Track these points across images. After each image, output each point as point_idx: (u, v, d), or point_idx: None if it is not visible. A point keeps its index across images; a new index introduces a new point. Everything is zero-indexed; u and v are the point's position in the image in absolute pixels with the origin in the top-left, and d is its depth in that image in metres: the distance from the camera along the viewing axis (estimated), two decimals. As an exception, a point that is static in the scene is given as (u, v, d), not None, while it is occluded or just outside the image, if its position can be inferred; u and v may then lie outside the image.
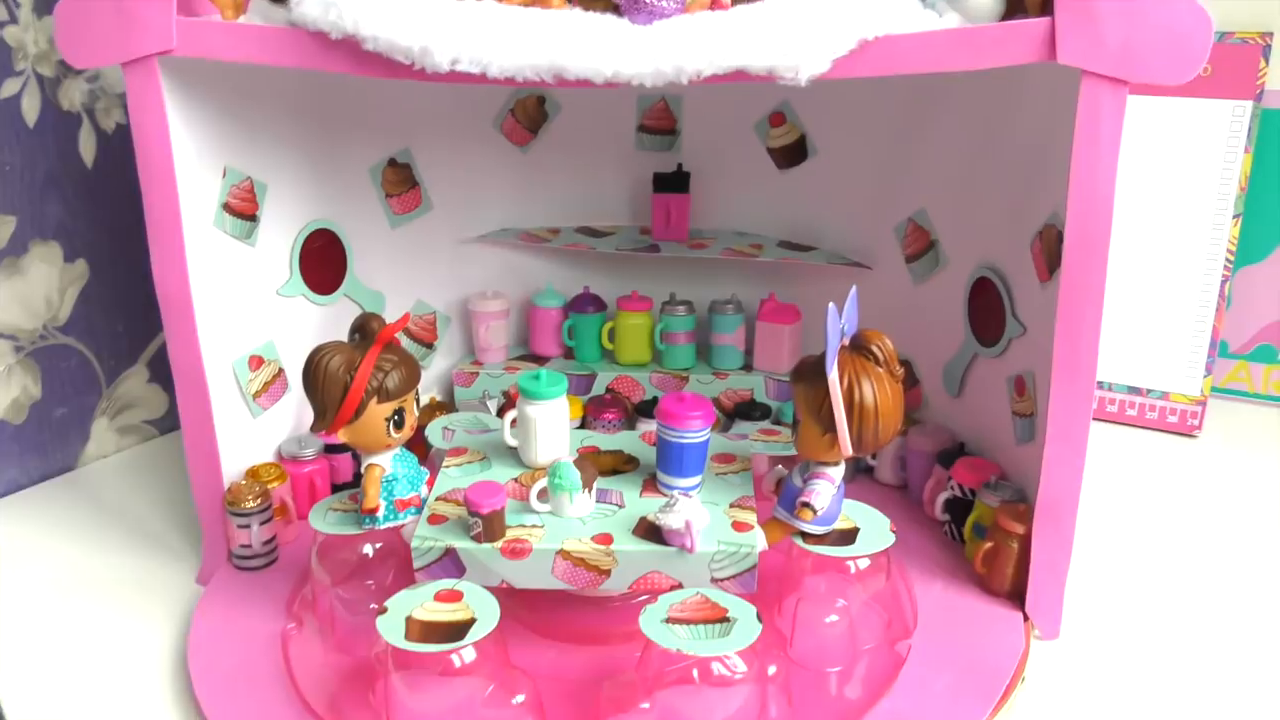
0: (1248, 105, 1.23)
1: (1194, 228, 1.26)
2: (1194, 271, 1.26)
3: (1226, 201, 1.25)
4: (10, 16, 1.05)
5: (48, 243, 1.11)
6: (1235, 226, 1.24)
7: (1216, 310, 1.26)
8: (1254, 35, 1.22)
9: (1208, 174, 1.25)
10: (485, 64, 0.77)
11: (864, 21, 0.75)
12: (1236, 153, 1.24)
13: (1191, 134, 1.25)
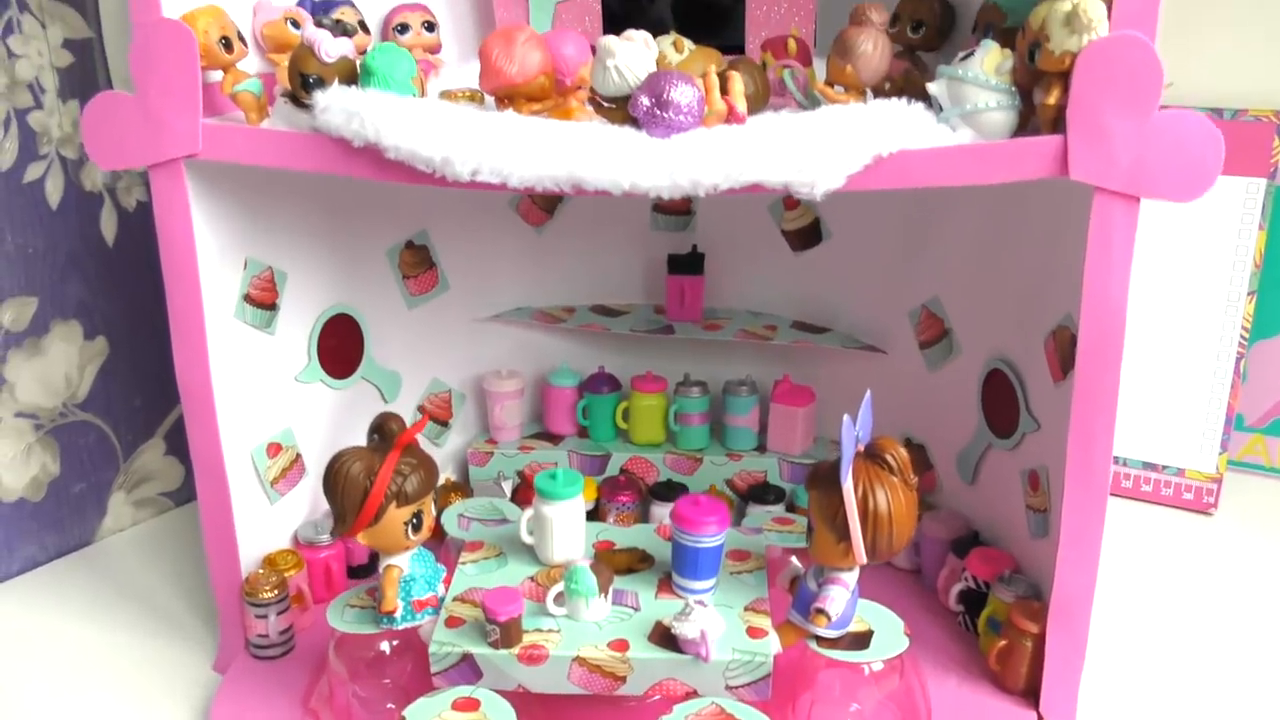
0: (1261, 183, 1.25)
1: (1209, 303, 1.27)
2: (1209, 347, 1.28)
3: (1241, 278, 1.26)
4: (36, 102, 1.08)
5: (68, 322, 1.14)
6: (1250, 303, 1.26)
7: (1232, 387, 1.27)
8: (1268, 113, 1.24)
9: (1222, 250, 1.27)
10: (505, 175, 0.79)
11: (879, 138, 0.77)
12: (1251, 230, 1.26)
13: (1205, 210, 1.27)
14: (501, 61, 0.83)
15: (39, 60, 1.08)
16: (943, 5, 0.96)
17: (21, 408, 1.11)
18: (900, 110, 0.79)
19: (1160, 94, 0.74)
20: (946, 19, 0.97)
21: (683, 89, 0.78)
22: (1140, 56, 0.73)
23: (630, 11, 1.06)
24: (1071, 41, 0.73)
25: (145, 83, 0.85)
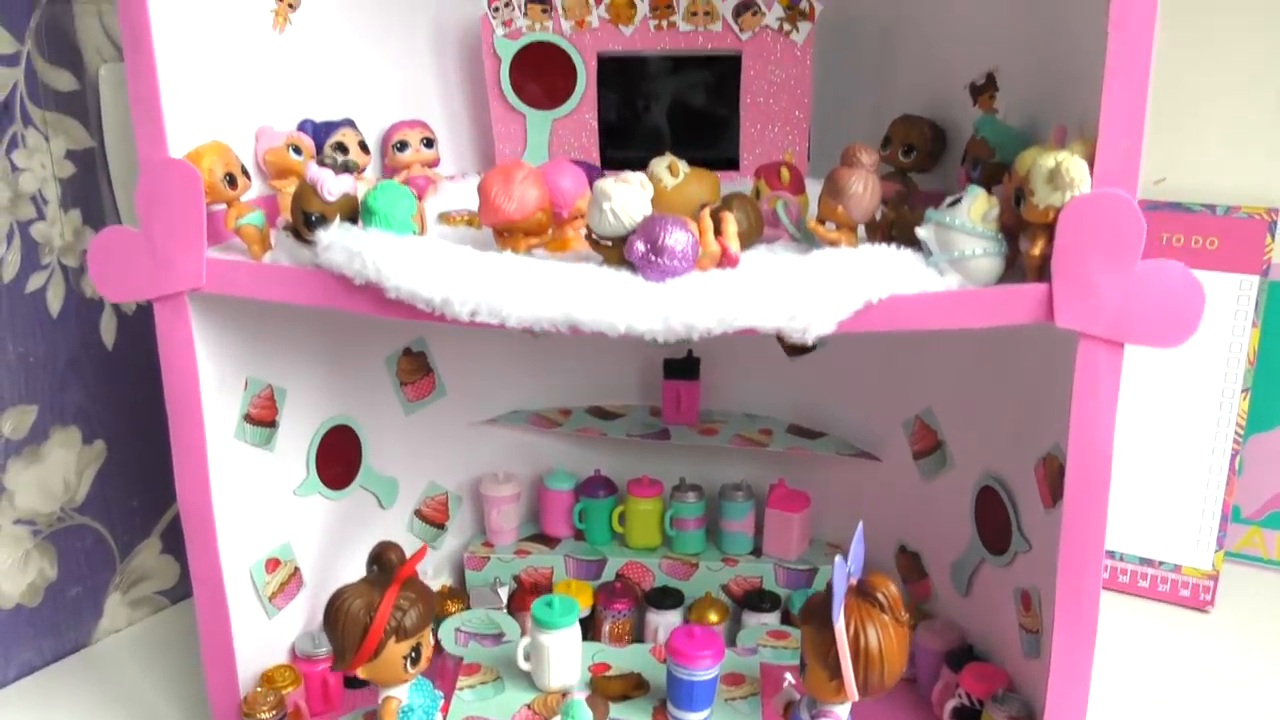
0: (1255, 280, 1.29)
1: (1203, 399, 1.31)
2: (1204, 442, 1.31)
3: (1235, 375, 1.30)
4: (39, 214, 1.12)
5: (68, 427, 1.17)
6: (1244, 401, 1.29)
7: (1227, 484, 1.30)
8: (1260, 210, 1.28)
9: (1216, 347, 1.30)
10: (503, 316, 0.83)
11: (869, 284, 0.81)
12: (1244, 327, 1.29)
13: (1199, 305, 1.31)
14: (500, 199, 0.87)
15: (42, 173, 1.12)
16: (933, 129, 1.00)
17: (20, 514, 1.14)
18: (890, 255, 0.83)
19: (1142, 246, 0.78)
20: (937, 143, 1.01)
21: (677, 235, 0.82)
22: (1122, 212, 0.77)
23: (626, 125, 1.11)
24: (1055, 197, 0.77)
25: (151, 219, 0.89)
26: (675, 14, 1.03)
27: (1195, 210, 1.31)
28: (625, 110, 1.10)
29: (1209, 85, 1.31)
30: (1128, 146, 0.76)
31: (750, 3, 1.02)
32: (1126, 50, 0.74)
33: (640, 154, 1.10)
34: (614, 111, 1.10)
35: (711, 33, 1.04)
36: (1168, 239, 1.34)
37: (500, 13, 1.05)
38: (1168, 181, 1.37)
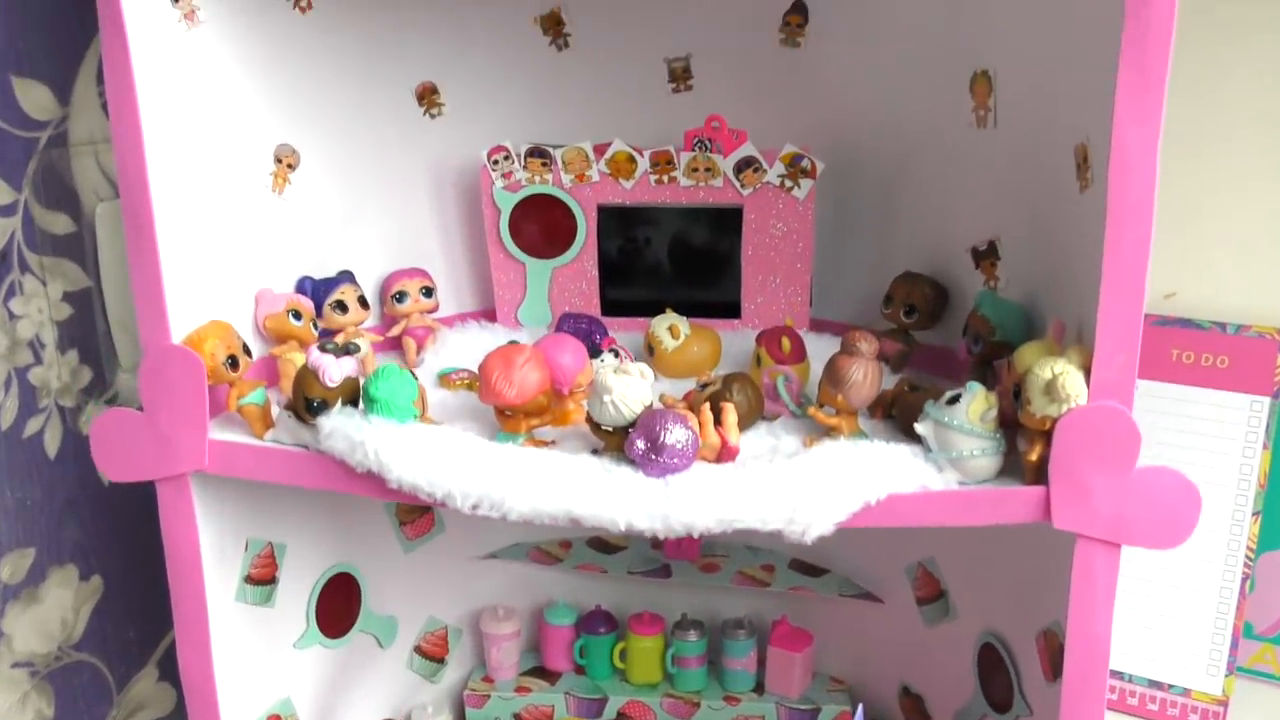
0: (1265, 401, 1.33)
1: (1213, 522, 1.35)
2: (1214, 565, 1.36)
3: (1246, 498, 1.34)
4: (35, 358, 1.16)
5: (65, 566, 1.22)
6: (1255, 524, 1.34)
7: (1237, 608, 1.35)
8: (1271, 330, 1.32)
9: (1226, 467, 1.34)
10: (505, 510, 0.88)
11: (869, 483, 0.85)
12: (1255, 449, 1.34)
13: (1209, 426, 1.35)
14: (501, 385, 0.92)
15: (39, 317, 1.16)
16: (935, 290, 1.05)
17: (18, 657, 1.19)
18: (888, 452, 0.87)
19: (1139, 453, 0.83)
20: (939, 302, 1.05)
21: (676, 432, 0.86)
22: (1119, 424, 0.81)
23: (627, 267, 1.15)
24: (1051, 409, 0.82)
25: (154, 403, 0.93)
26: (676, 169, 1.08)
27: (1205, 327, 1.35)
28: (626, 253, 1.15)
29: (1219, 201, 1.35)
30: (1124, 361, 0.81)
31: (751, 160, 1.06)
32: (1123, 269, 0.78)
33: (641, 296, 1.16)
34: (615, 254, 1.14)
35: (713, 188, 1.08)
36: (1177, 356, 1.38)
37: (499, 165, 1.10)
38: (1177, 297, 1.41)
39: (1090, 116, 0.83)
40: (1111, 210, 0.77)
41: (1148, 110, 0.75)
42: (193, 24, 0.94)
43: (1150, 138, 0.76)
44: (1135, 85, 0.75)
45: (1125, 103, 0.76)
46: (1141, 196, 0.77)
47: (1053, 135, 0.90)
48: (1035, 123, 0.93)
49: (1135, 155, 0.76)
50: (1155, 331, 1.33)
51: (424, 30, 1.11)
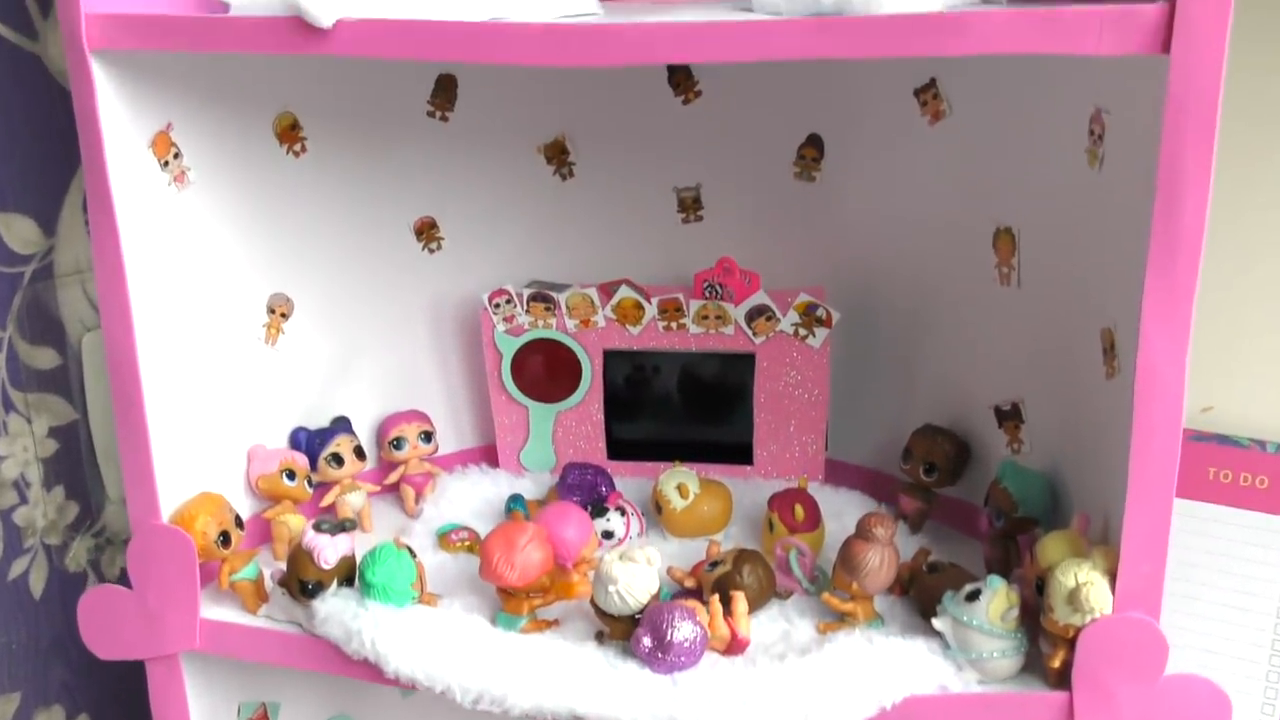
0: (1305, 524, 1.34)
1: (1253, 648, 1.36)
2: (1253, 695, 1.36)
3: (1285, 626, 1.35)
4: (20, 498, 1.18)
5: (51, 708, 1.24)
6: (1295, 654, 1.34)
7: (1274, 740, 1.36)
8: (1311, 450, 1.33)
9: (1267, 594, 1.35)
10: (506, 706, 0.89)
11: (886, 685, 0.86)
12: (1294, 575, 1.34)
13: (1248, 550, 1.35)
14: (502, 568, 0.93)
15: (24, 456, 1.18)
16: (956, 447, 1.06)
17: (3, 804, 1.21)
18: (906, 649, 0.89)
19: (1166, 663, 0.84)
20: (960, 461, 1.06)
21: (684, 629, 0.88)
22: (1145, 635, 0.82)
23: (634, 407, 1.16)
24: (1075, 618, 0.83)
25: (144, 582, 0.95)
26: (685, 316, 1.09)
27: (1244, 445, 1.36)
28: (633, 391, 1.16)
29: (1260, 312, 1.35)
30: (1150, 571, 0.81)
31: (764, 308, 1.07)
32: (1150, 480, 0.79)
33: (649, 436, 1.17)
34: (621, 393, 1.15)
35: (723, 335, 1.09)
36: (1214, 474, 1.39)
37: (501, 309, 1.11)
38: (1214, 411, 1.41)
39: (1117, 303, 0.84)
40: (1137, 425, 0.78)
41: (1176, 328, 0.76)
42: (182, 186, 0.96)
43: (1179, 354, 0.77)
44: (1163, 301, 0.76)
45: (1152, 318, 0.76)
46: (1169, 414, 0.78)
47: (1079, 311, 0.91)
48: (1060, 293, 0.94)
49: (1164, 370, 0.77)
50: (1190, 448, 1.34)
51: (423, 164, 1.13)
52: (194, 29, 0.84)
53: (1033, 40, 0.73)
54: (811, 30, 0.75)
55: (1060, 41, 0.73)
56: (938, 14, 0.74)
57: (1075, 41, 0.72)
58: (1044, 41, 0.73)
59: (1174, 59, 0.71)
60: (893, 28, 0.74)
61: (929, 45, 0.75)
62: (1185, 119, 0.72)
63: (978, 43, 0.73)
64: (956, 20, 0.73)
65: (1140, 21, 0.71)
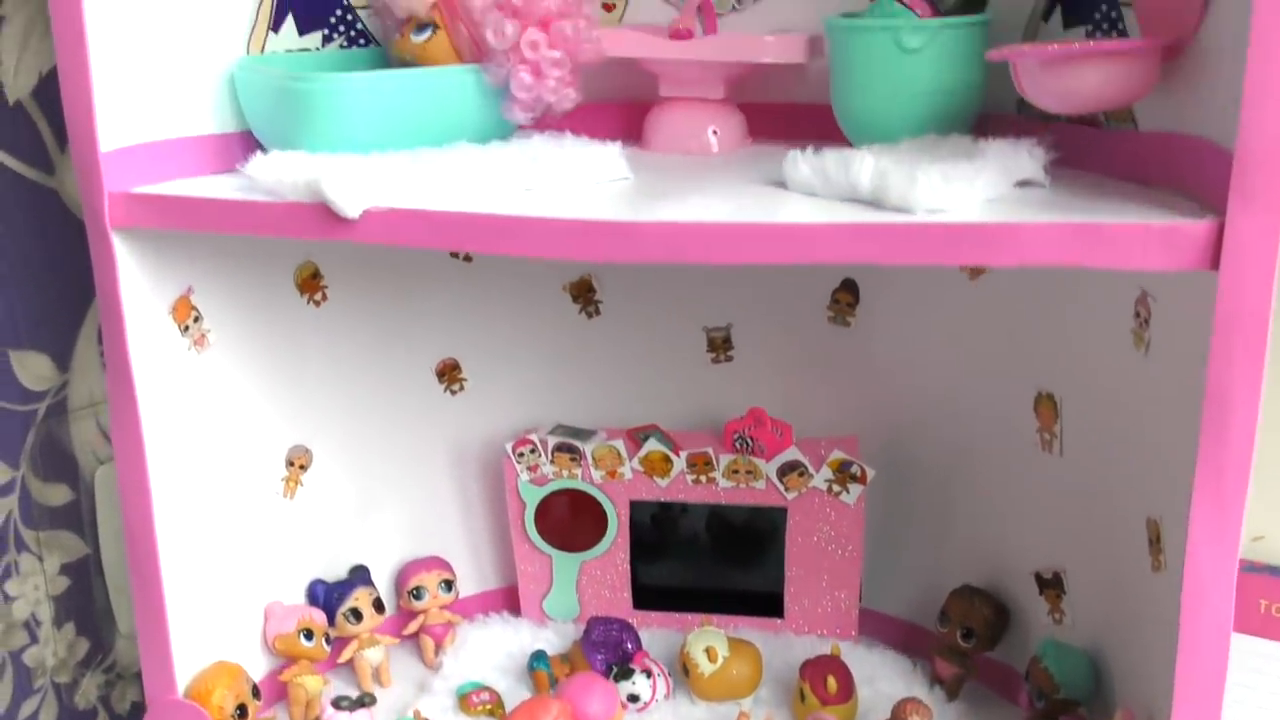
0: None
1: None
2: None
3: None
4: (31, 638, 1.20)
5: None
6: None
7: None
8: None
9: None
10: None
11: None
12: (1349, 719, 1.34)
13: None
14: (526, 754, 0.94)
15: (35, 595, 1.20)
16: (995, 612, 1.06)
17: None
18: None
19: None
20: (998, 626, 1.06)
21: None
22: None
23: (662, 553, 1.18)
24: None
25: (158, 756, 0.97)
26: (715, 470, 1.10)
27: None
28: (660, 537, 1.17)
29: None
30: (1199, 780, 0.82)
31: (797, 464, 1.09)
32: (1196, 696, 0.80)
33: (677, 583, 1.18)
34: (648, 539, 1.16)
35: (754, 489, 1.10)
36: (1266, 607, 1.38)
37: (525, 458, 1.12)
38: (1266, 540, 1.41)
39: (1162, 494, 0.85)
40: (1184, 632, 0.79)
41: (1225, 541, 0.77)
42: (203, 349, 0.98)
43: (1228, 565, 0.77)
44: (1212, 515, 0.77)
45: (1200, 528, 0.77)
46: (1218, 622, 0.78)
47: (1123, 491, 0.92)
48: (1104, 469, 0.95)
49: (1212, 580, 0.78)
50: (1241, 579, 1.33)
51: (446, 305, 1.14)
52: (217, 211, 0.86)
53: (1076, 253, 0.74)
54: (847, 236, 0.76)
55: (1105, 256, 0.74)
56: (978, 225, 0.75)
57: (1121, 256, 0.73)
58: (1088, 255, 0.74)
59: (1223, 276, 0.72)
60: (932, 237, 0.75)
61: (969, 255, 0.76)
62: (1234, 336, 0.73)
63: (1019, 254, 0.74)
64: (997, 231, 0.74)
65: (1189, 238, 0.72)
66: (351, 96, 0.91)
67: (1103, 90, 0.79)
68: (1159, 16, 0.81)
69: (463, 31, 0.96)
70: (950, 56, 0.92)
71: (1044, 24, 0.95)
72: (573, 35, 0.95)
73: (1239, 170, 0.70)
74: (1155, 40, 0.77)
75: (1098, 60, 0.78)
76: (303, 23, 1.02)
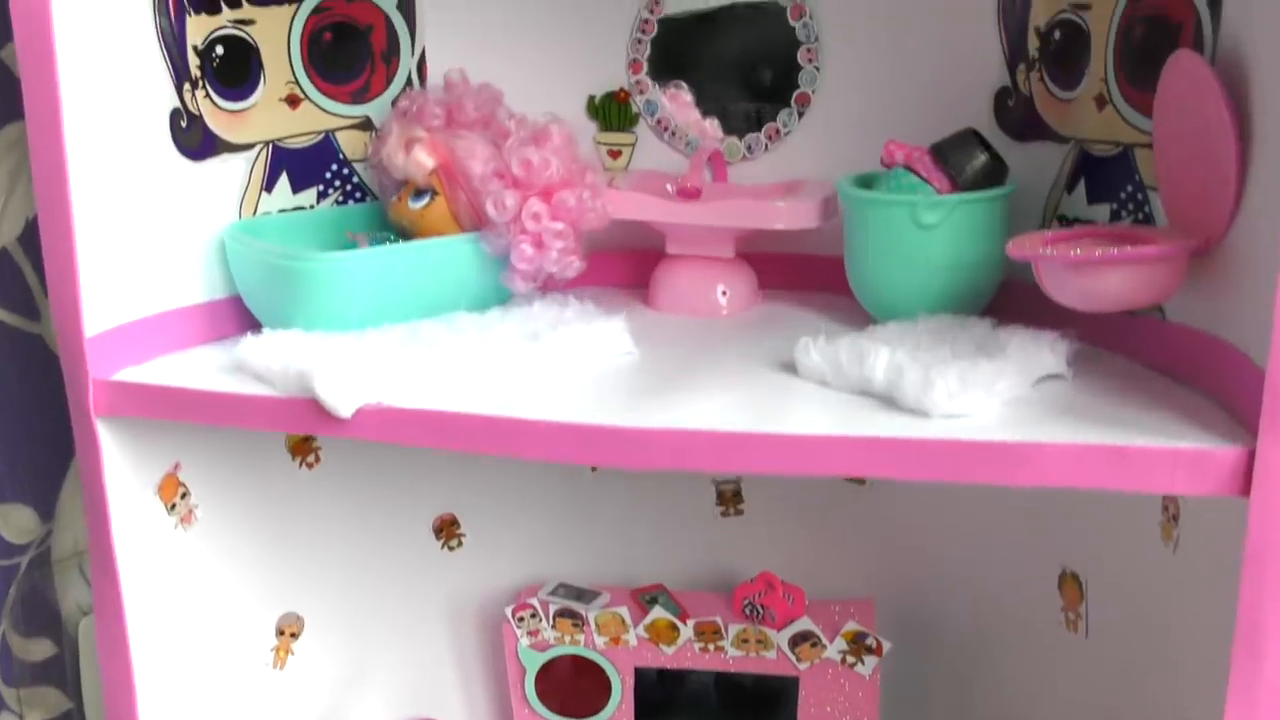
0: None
1: None
2: None
3: None
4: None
5: None
6: None
7: None
8: None
9: None
10: None
11: None
12: None
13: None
14: None
15: (14, 752, 1.20)
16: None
17: None
18: None
19: None
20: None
21: None
22: None
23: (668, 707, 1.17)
24: None
25: None
26: (724, 639, 1.09)
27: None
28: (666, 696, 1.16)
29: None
30: None
31: (809, 634, 1.08)
32: None
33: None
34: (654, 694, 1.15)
35: (765, 659, 1.10)
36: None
37: (525, 622, 1.12)
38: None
39: (1196, 700, 0.84)
40: None
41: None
42: (190, 525, 0.98)
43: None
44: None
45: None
46: None
47: (1153, 688, 0.91)
48: (1132, 659, 0.94)
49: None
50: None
51: (445, 459, 1.14)
52: (205, 404, 0.86)
53: (1101, 475, 0.73)
54: (860, 450, 0.76)
55: (1131, 479, 0.73)
56: (997, 444, 0.74)
57: (1146, 480, 0.73)
58: (1113, 477, 0.73)
59: (1254, 504, 0.71)
60: (948, 454, 0.75)
61: (987, 474, 0.75)
62: (1267, 567, 0.72)
63: (1040, 475, 0.74)
64: (1017, 451, 0.74)
65: (1218, 465, 0.71)
66: (347, 276, 0.91)
67: (1127, 293, 0.79)
68: (1187, 210, 0.80)
69: (462, 198, 0.97)
70: (969, 232, 0.92)
71: (1067, 195, 0.95)
72: (576, 205, 0.95)
73: (1272, 394, 0.69)
74: (1182, 245, 0.77)
75: (1122, 265, 0.78)
76: (297, 181, 1.03)
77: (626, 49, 1.11)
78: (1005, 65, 1.00)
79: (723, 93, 1.11)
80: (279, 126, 1.01)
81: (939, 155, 0.93)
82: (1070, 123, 0.94)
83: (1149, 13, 0.84)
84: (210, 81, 0.95)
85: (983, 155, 0.92)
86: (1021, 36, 0.98)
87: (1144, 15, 0.85)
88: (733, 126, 1.11)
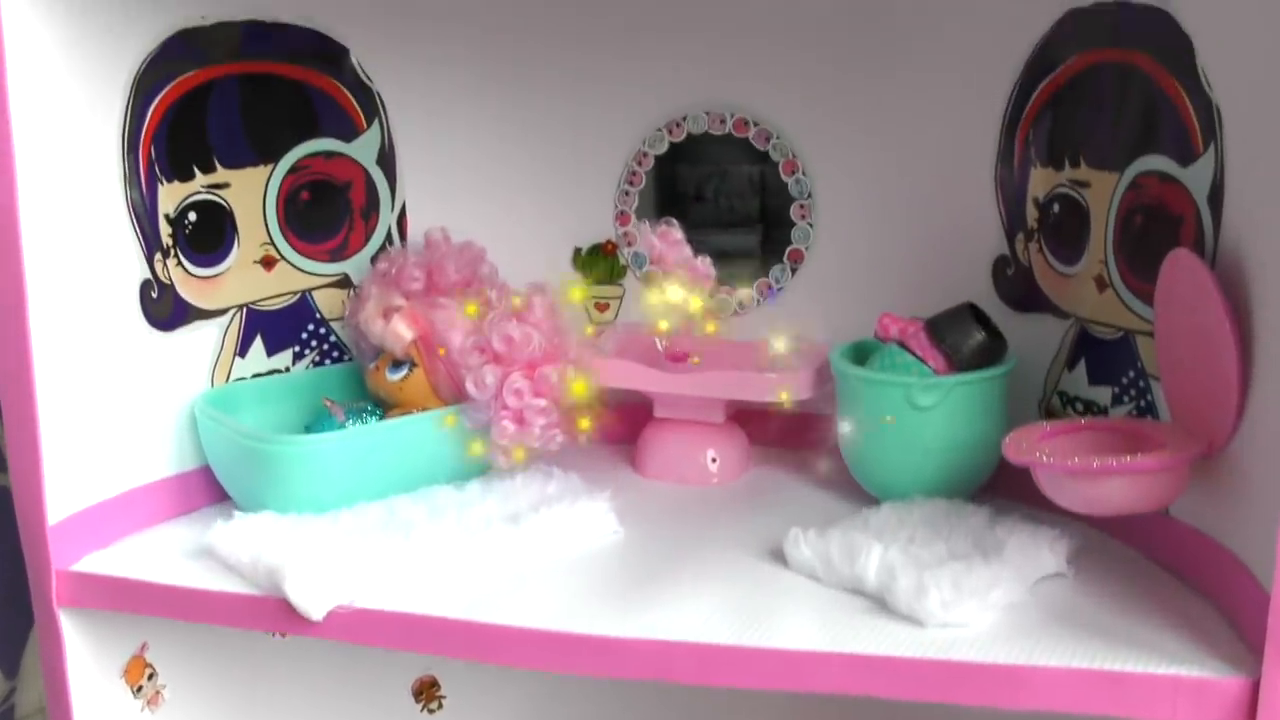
0: None
1: None
2: None
3: None
4: None
5: None
6: None
7: None
8: None
9: None
10: None
11: None
12: None
13: None
14: None
15: None
16: None
17: None
18: None
19: None
20: None
21: None
22: None
23: None
24: None
25: None
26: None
27: None
28: None
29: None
30: None
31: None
32: None
33: None
34: None
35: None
36: None
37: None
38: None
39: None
40: None
41: None
42: (156, 707, 0.98)
43: None
44: None
45: None
46: None
47: None
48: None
49: None
50: None
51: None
52: (172, 599, 0.86)
53: (1100, 701, 0.73)
54: (850, 668, 0.76)
55: (1130, 706, 0.73)
56: (993, 666, 0.74)
57: (1147, 708, 0.72)
58: (1111, 704, 0.73)
59: (1259, 734, 0.71)
60: (940, 675, 0.74)
61: (981, 696, 0.75)
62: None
63: (1035, 699, 0.74)
64: (1014, 674, 0.74)
65: (1220, 696, 0.71)
66: (321, 459, 0.92)
67: (1127, 502, 0.79)
68: (1190, 407, 0.80)
69: (441, 370, 0.97)
70: (966, 413, 0.92)
71: (1068, 372, 0.95)
72: (559, 381, 0.95)
73: (1277, 623, 0.69)
74: (1183, 456, 0.77)
75: (1122, 474, 0.78)
76: (272, 344, 1.04)
77: (614, 200, 1.12)
78: (1004, 233, 1.01)
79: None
80: (253, 290, 1.02)
81: (934, 333, 0.93)
82: (1070, 299, 0.95)
83: (1149, 202, 0.84)
84: (182, 249, 0.96)
85: (980, 334, 0.92)
86: (1019, 206, 0.99)
87: (1144, 204, 0.85)
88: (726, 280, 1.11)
